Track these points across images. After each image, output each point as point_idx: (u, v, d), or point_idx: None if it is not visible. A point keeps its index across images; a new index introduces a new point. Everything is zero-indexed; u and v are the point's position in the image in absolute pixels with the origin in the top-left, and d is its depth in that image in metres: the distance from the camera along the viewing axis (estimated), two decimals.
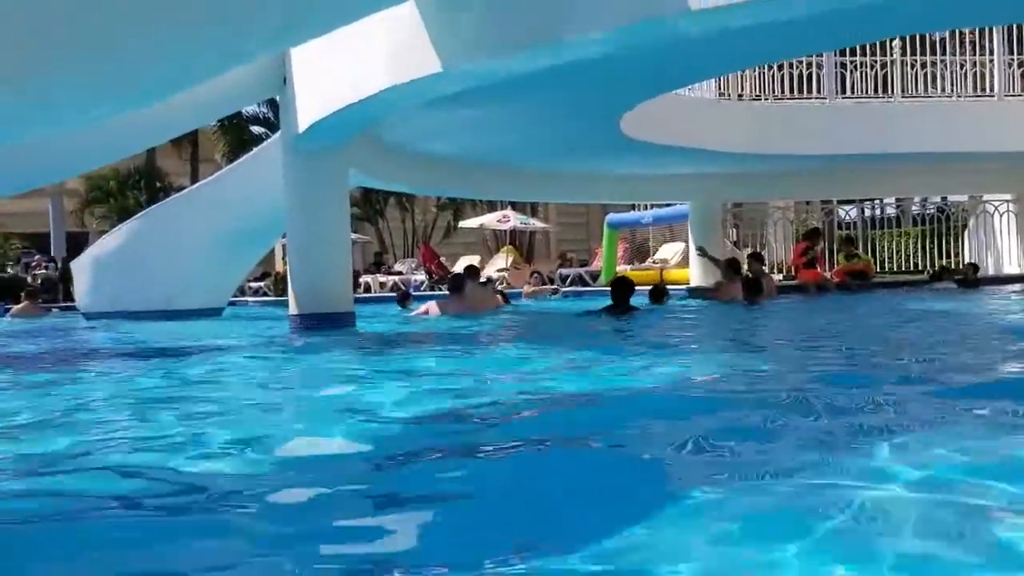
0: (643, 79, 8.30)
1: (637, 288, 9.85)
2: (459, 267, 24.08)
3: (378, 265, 25.59)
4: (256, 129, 27.23)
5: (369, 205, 28.52)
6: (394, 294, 16.04)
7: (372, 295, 19.63)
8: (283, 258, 22.99)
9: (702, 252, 12.70)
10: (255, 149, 13.89)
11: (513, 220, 24.60)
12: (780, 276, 14.74)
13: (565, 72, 6.75)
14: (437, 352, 6.39)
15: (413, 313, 10.53)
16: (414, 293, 16.97)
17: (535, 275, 18.12)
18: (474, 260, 25.09)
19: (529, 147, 12.04)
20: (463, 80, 6.77)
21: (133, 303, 11.90)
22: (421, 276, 22.60)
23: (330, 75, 7.75)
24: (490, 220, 25.19)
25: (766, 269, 14.71)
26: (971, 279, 13.51)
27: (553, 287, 17.36)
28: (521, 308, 12.02)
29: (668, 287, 12.62)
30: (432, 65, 6.40)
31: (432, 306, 10.24)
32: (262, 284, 22.29)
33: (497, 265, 23.65)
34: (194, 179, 25.03)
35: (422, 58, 6.47)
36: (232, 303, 14.34)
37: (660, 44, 5.99)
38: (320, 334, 8.38)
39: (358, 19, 6.29)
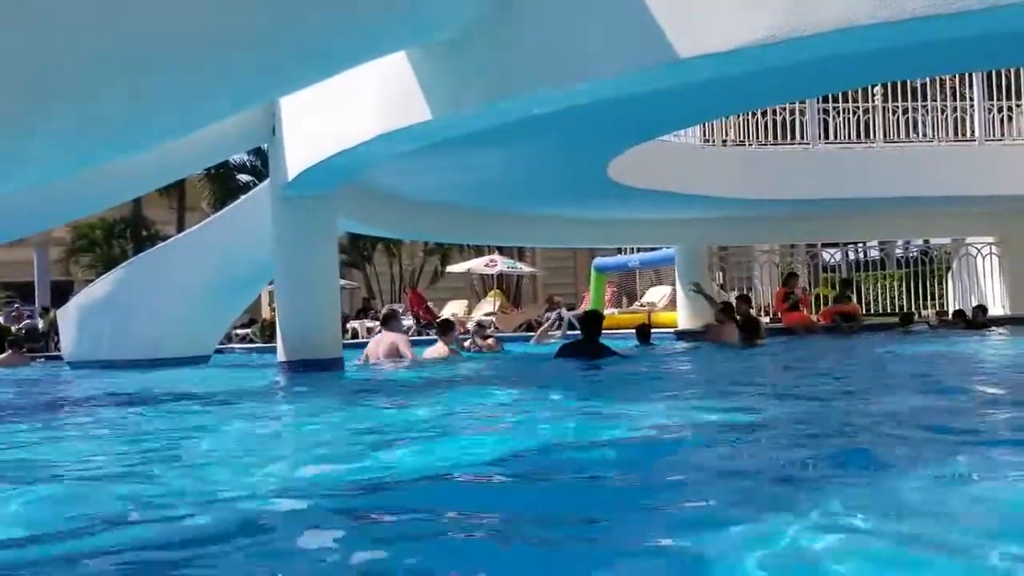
0: (631, 126, 8.37)
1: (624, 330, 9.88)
2: (447, 312, 24.24)
3: (366, 311, 25.52)
4: (243, 177, 27.31)
5: (357, 251, 28.53)
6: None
7: (360, 340, 19.53)
8: (270, 305, 22.97)
9: (697, 289, 12.72)
10: (242, 197, 13.90)
11: (500, 264, 24.65)
12: (767, 319, 14.77)
13: (554, 118, 6.80)
14: (424, 399, 6.33)
15: (358, 361, 10.35)
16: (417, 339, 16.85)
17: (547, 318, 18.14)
18: (461, 304, 25.20)
19: (517, 192, 12.11)
20: (453, 128, 6.81)
21: (119, 351, 11.80)
22: (409, 321, 22.53)
23: (319, 124, 7.80)
24: (477, 265, 25.24)
25: (753, 312, 14.75)
26: (979, 321, 13.53)
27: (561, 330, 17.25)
28: (512, 353, 11.96)
29: (653, 329, 12.65)
30: (421, 113, 6.44)
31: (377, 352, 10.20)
32: (248, 331, 22.17)
33: (484, 309, 23.65)
34: (180, 228, 25.00)
35: (412, 106, 6.51)
36: (218, 350, 14.24)
37: (648, 92, 6.03)
38: (309, 381, 8.33)
39: (349, 69, 6.37)
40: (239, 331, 21.44)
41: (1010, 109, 14.59)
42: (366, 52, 6.10)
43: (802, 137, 14.10)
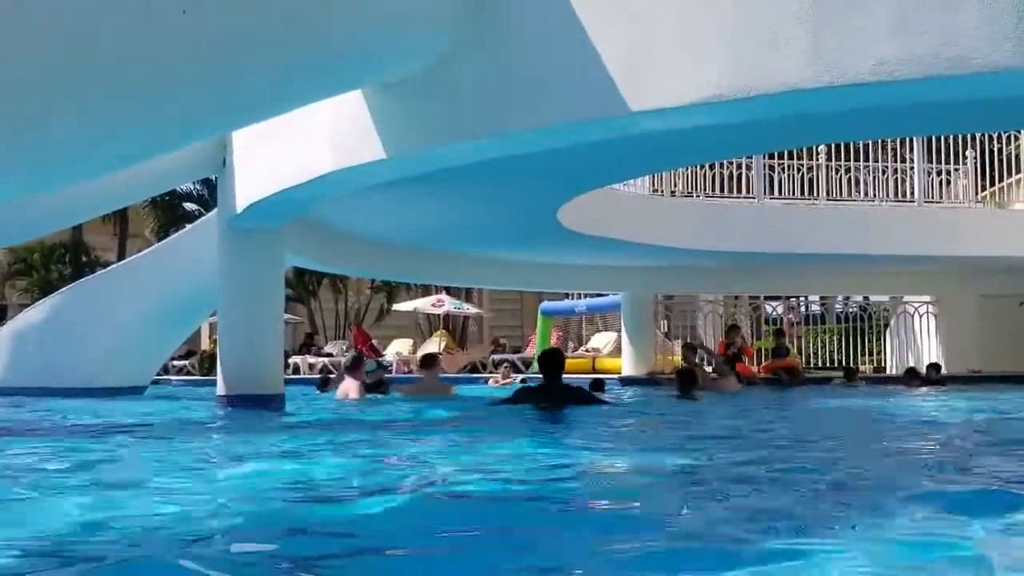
0: (582, 173, 8.48)
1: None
2: (391, 350, 24.10)
3: (308, 346, 25.27)
4: (189, 206, 27.01)
5: (302, 285, 28.28)
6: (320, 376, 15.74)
7: (303, 376, 19.34)
8: (211, 337, 22.63)
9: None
10: (188, 227, 13.75)
11: (447, 305, 24.63)
12: (710, 369, 14.92)
13: (508, 163, 6.87)
14: (361, 437, 6.27)
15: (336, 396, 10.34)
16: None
17: (505, 365, 18.17)
18: (407, 343, 25.07)
19: (467, 233, 12.14)
20: (406, 168, 6.84)
21: (54, 379, 11.52)
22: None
23: (273, 157, 7.77)
24: (424, 304, 25.18)
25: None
26: (933, 379, 13.78)
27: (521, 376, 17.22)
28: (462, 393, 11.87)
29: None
30: (376, 152, 6.46)
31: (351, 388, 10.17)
32: (186, 363, 21.82)
33: (429, 350, 23.55)
34: (121, 255, 24.59)
35: (366, 144, 6.53)
36: (154, 381, 13.98)
37: (600, 141, 6.13)
38: (247, 416, 8.21)
39: (303, 106, 6.38)
40: (176, 362, 21.08)
41: (948, 173, 15.08)
42: (321, 91, 6.12)
43: (748, 191, 14.41)
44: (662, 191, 14.11)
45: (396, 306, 27.09)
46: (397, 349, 23.90)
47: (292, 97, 5.95)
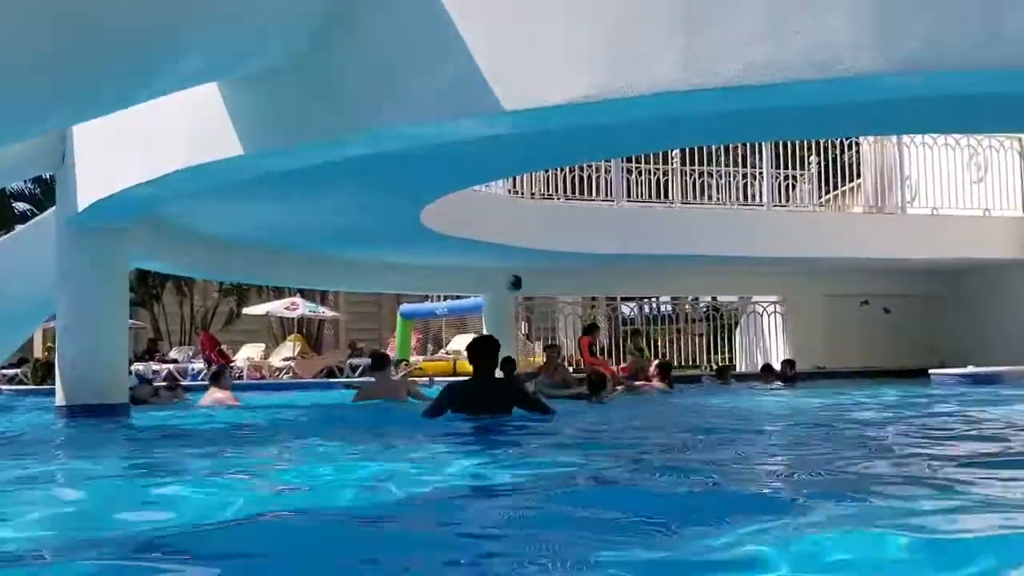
0: (447, 173, 8.33)
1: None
2: (242, 356, 23.27)
3: (152, 353, 24.10)
4: (20, 206, 25.40)
5: (145, 288, 27.01)
6: (166, 383, 14.92)
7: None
8: (44, 343, 21.26)
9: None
10: (21, 227, 12.84)
11: (302, 308, 24.00)
12: (571, 368, 15.06)
13: (371, 161, 6.66)
14: (219, 450, 5.93)
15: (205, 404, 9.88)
16: (191, 383, 16.06)
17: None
18: (258, 348, 24.28)
19: (327, 234, 11.82)
20: (265, 164, 6.52)
21: None
22: (199, 365, 21.52)
23: (119, 151, 7.28)
24: (277, 307, 24.46)
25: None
26: (788, 375, 14.21)
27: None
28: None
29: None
30: (233, 147, 6.13)
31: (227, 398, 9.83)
32: (18, 371, 20.42)
33: (283, 354, 22.91)
34: None
35: (223, 139, 6.19)
36: None
37: (467, 140, 6.01)
38: (89, 426, 7.68)
39: (153, 98, 5.98)
40: (7, 371, 19.69)
41: (794, 178, 15.75)
42: (175, 83, 5.76)
43: (606, 194, 14.62)
44: (522, 192, 14.14)
45: (247, 310, 26.21)
46: (248, 354, 23.13)
47: (142, 89, 5.57)
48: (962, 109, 5.74)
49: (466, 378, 7.21)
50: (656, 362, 13.12)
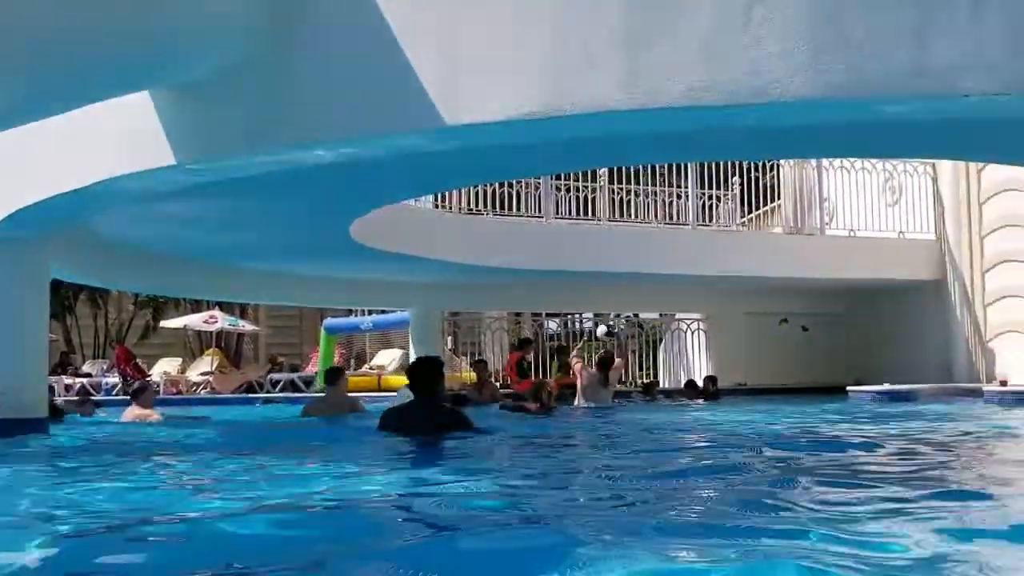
0: (381, 187, 8.29)
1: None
2: (158, 370, 22.67)
3: (64, 366, 23.33)
4: None
5: (57, 300, 26.12)
6: (78, 398, 14.51)
7: (58, 399, 17.79)
8: None
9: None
10: None
11: (221, 321, 23.50)
12: (498, 384, 15.09)
13: (302, 174, 6.58)
14: (146, 466, 5.78)
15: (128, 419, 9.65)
16: (106, 397, 15.64)
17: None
18: (175, 363, 23.69)
19: (251, 247, 11.62)
20: (199, 175, 6.39)
21: None
22: (114, 379, 20.93)
23: (44, 158, 7.04)
24: (195, 320, 23.92)
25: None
26: (711, 391, 14.40)
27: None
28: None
29: (382, 392, 12.51)
30: (165, 157, 5.99)
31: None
32: None
33: (201, 369, 22.42)
34: None
35: (155, 149, 6.04)
36: None
37: (408, 154, 5.99)
38: (4, 443, 7.39)
39: (81, 107, 5.83)
40: None
41: (718, 198, 16.09)
42: (103, 91, 5.62)
43: (532, 210, 14.73)
44: (450, 207, 14.15)
45: (164, 322, 25.58)
46: (164, 368, 22.57)
47: (68, 97, 5.43)
48: (889, 135, 5.95)
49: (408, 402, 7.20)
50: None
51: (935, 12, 4.45)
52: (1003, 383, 13.24)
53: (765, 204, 17.34)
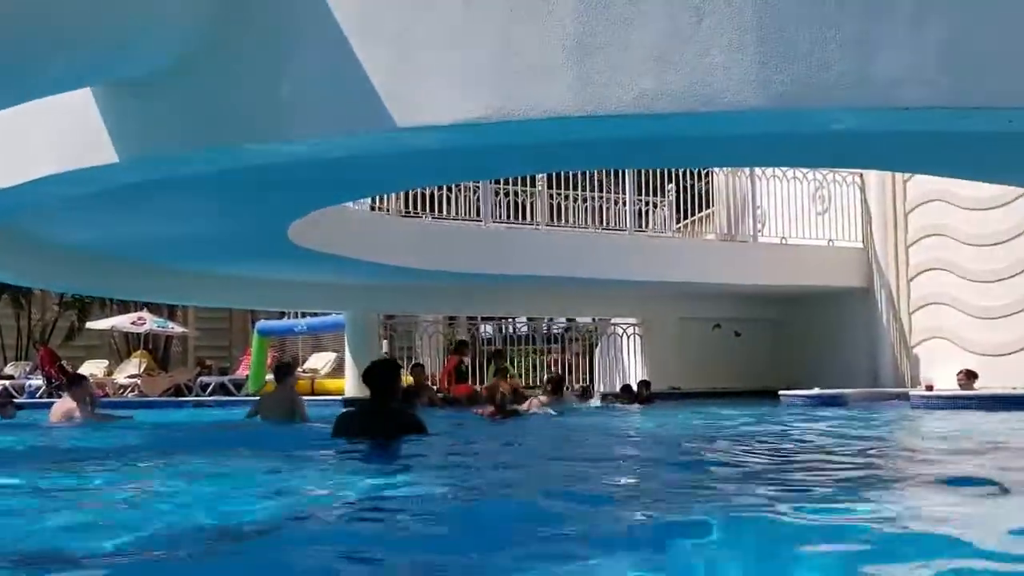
0: (325, 189, 8.21)
1: None
2: (84, 371, 22.04)
3: None
4: None
5: None
6: None
7: None
8: None
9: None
10: None
11: (149, 323, 23.01)
12: (435, 388, 15.04)
13: (243, 174, 6.49)
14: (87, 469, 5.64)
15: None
16: (29, 400, 15.20)
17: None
18: (101, 365, 23.10)
19: (185, 247, 11.37)
20: (142, 173, 6.24)
21: None
22: (38, 381, 20.37)
23: None
24: (123, 322, 23.38)
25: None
26: (644, 396, 14.51)
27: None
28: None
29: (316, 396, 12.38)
30: (107, 155, 5.83)
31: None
32: None
33: (128, 371, 21.93)
34: None
35: (88, 148, 5.89)
36: None
37: (355, 156, 5.94)
38: None
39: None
40: None
41: (654, 205, 16.30)
42: (38, 89, 5.45)
43: (468, 213, 14.74)
44: (388, 209, 14.06)
45: (91, 324, 24.92)
46: (91, 371, 21.99)
47: (9, 91, 5.25)
48: (833, 145, 6.10)
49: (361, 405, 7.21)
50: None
51: (877, 26, 4.57)
52: (929, 388, 13.66)
53: (699, 211, 17.61)
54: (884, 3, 4.52)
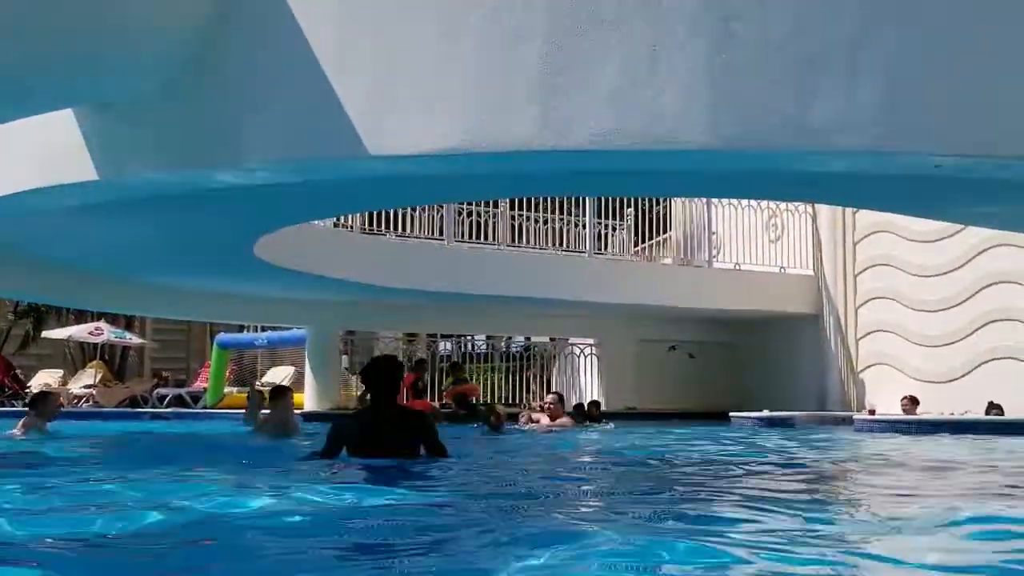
0: (292, 207, 8.43)
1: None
2: (37, 382, 21.89)
3: None
4: None
5: None
6: None
7: None
8: None
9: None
10: None
11: (107, 333, 22.93)
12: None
13: (214, 193, 6.69)
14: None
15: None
16: None
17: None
18: (55, 375, 22.94)
19: (150, 260, 11.50)
20: (114, 191, 6.45)
21: None
22: None
23: None
24: (80, 332, 23.25)
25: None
26: (595, 414, 14.79)
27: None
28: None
29: None
30: (77, 173, 6.04)
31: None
32: None
33: (83, 382, 21.83)
34: None
35: (65, 165, 6.10)
36: None
37: (325, 179, 6.20)
38: None
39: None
40: None
41: (614, 228, 16.69)
42: (27, 109, 5.66)
43: (436, 232, 15.01)
44: (351, 227, 14.28)
45: (47, 333, 24.76)
46: (44, 380, 21.89)
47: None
48: (778, 182, 6.49)
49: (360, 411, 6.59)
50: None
51: (815, 76, 4.95)
52: (871, 412, 14.17)
53: (656, 235, 18.04)
54: (822, 59, 4.90)
